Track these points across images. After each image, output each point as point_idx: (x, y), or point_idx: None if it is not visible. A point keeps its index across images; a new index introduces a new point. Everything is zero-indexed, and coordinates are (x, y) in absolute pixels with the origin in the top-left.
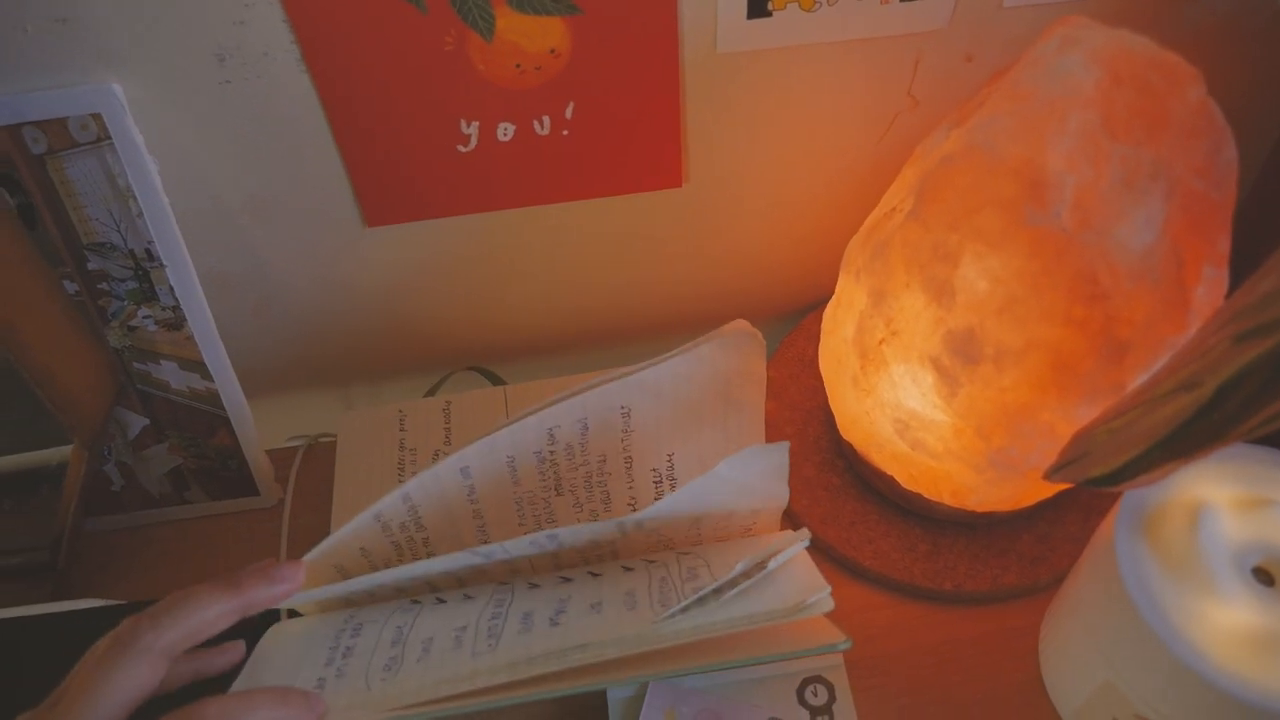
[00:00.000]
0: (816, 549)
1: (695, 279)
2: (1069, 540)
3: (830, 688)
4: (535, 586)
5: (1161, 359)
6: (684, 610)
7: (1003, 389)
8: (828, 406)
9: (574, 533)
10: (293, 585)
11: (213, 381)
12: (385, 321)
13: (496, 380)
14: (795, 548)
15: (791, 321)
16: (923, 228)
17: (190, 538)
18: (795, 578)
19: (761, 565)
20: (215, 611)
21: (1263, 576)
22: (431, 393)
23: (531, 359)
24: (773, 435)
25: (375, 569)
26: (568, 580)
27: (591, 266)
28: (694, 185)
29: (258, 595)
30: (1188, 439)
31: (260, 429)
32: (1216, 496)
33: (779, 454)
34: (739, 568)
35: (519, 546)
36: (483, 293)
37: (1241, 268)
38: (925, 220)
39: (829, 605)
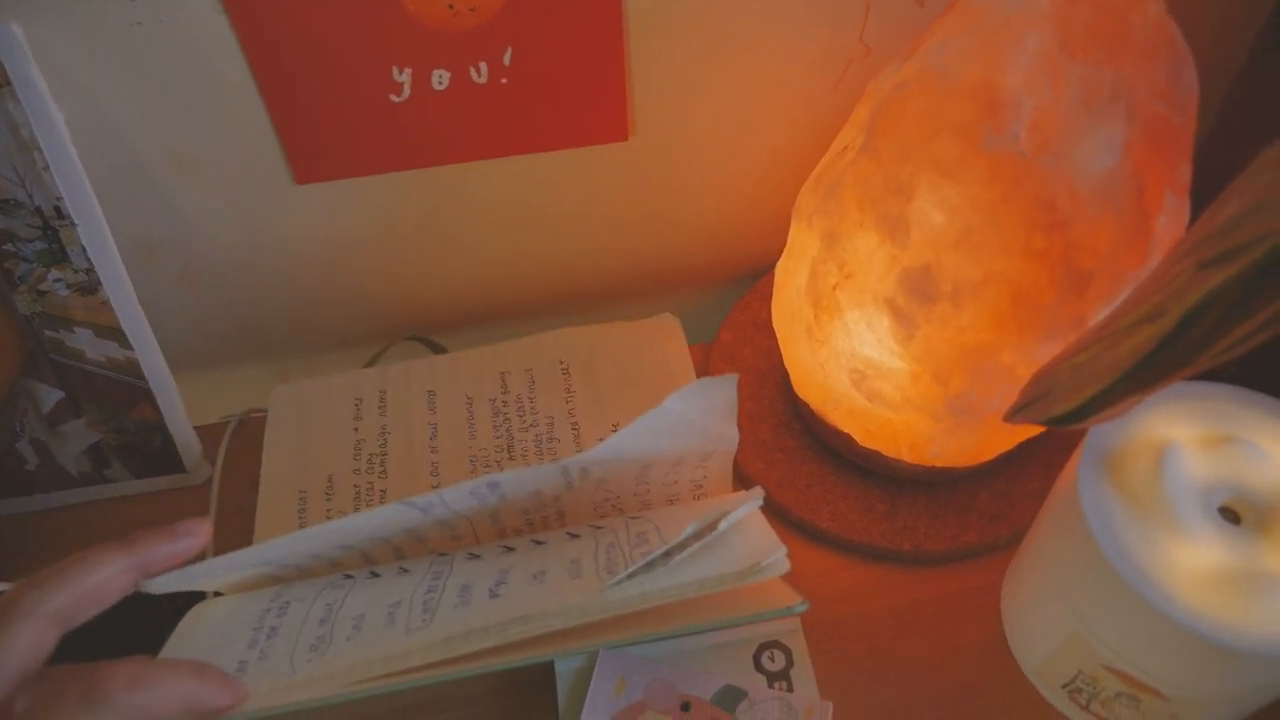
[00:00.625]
0: (773, 512)
1: (645, 240)
2: (1029, 497)
3: (788, 652)
4: (475, 557)
5: (1124, 292)
6: (631, 577)
7: (961, 328)
8: (783, 368)
9: (516, 479)
10: (196, 540)
11: (132, 350)
12: (320, 289)
13: (439, 350)
14: (748, 507)
15: (747, 286)
16: (875, 162)
17: (113, 519)
18: (749, 539)
19: (713, 526)
20: (109, 570)
21: (1229, 515)
22: (371, 364)
23: (475, 328)
24: None
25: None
26: (510, 550)
27: (535, 227)
28: (641, 139)
29: (157, 552)
30: (1152, 370)
31: (190, 407)
32: (1181, 435)
33: (727, 387)
34: (689, 530)
35: (458, 496)
36: (422, 256)
37: (1204, 201)
38: (877, 154)
39: (785, 567)
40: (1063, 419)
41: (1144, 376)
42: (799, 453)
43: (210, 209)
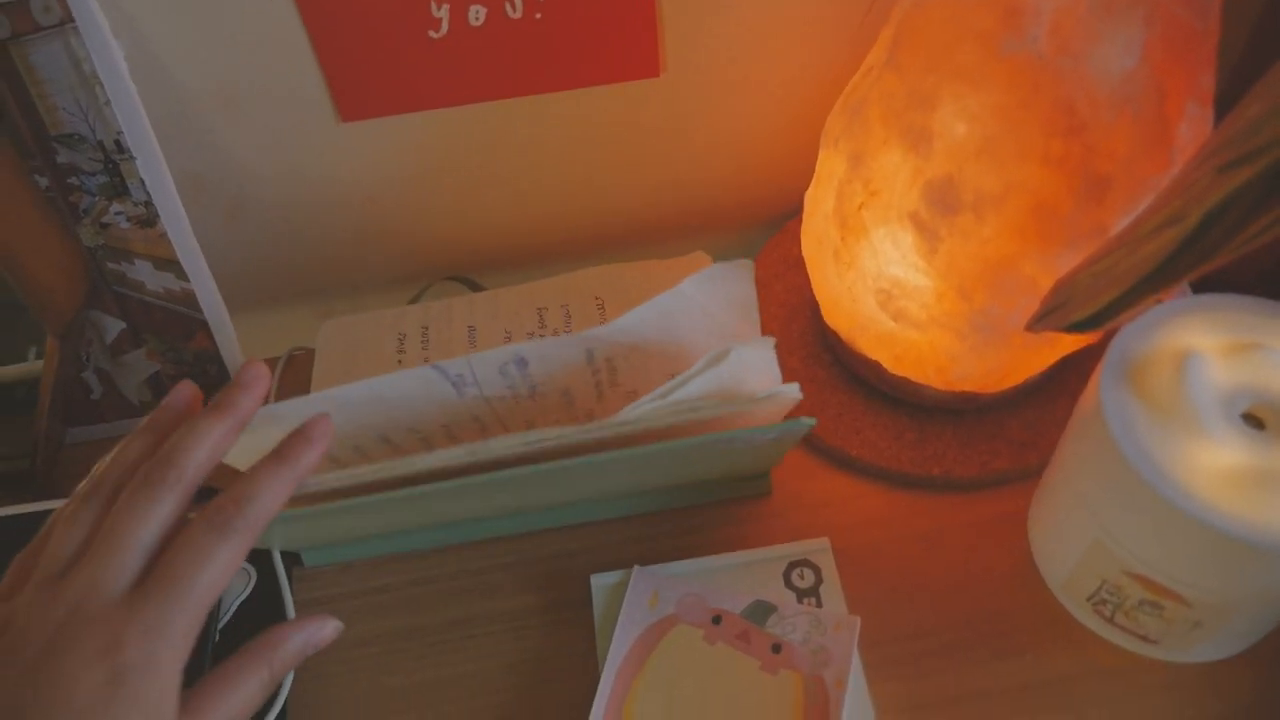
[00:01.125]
0: (804, 443)
1: (678, 179)
2: (1057, 425)
3: (817, 570)
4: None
5: (1144, 200)
6: (649, 404)
7: (983, 240)
8: (813, 303)
9: (541, 354)
10: (265, 382)
11: (188, 282)
12: (362, 227)
13: (477, 289)
14: (760, 344)
15: (778, 227)
16: (899, 76)
17: None
18: (760, 373)
19: (723, 356)
20: (221, 433)
21: (1253, 421)
22: (412, 303)
23: (511, 269)
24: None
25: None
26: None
27: (570, 165)
28: (672, 75)
29: (244, 404)
30: (1171, 272)
31: (240, 344)
32: (1204, 344)
33: (743, 278)
34: (700, 363)
35: (487, 371)
36: (459, 195)
37: (1226, 111)
38: (901, 67)
39: (797, 394)
40: (1082, 324)
41: (1163, 278)
42: (828, 383)
43: (257, 146)
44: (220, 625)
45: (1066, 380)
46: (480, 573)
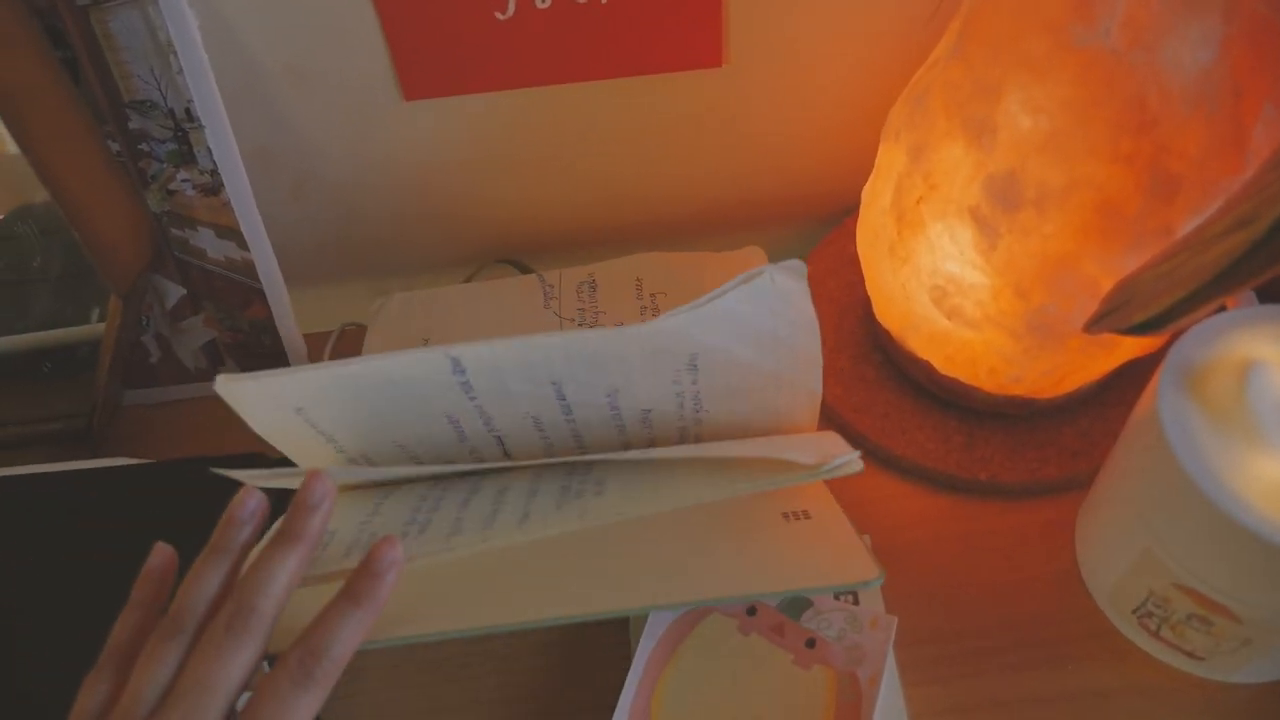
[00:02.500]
0: (847, 438)
1: (735, 171)
2: (1112, 436)
3: None
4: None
5: (1214, 203)
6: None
7: (1044, 237)
8: (865, 302)
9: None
10: (330, 502)
11: (248, 251)
12: (421, 207)
13: (527, 272)
14: (794, 269)
15: (836, 224)
16: (964, 66)
17: (223, 414)
18: (822, 443)
19: (758, 273)
20: (293, 569)
21: None
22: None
23: (565, 253)
24: None
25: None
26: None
27: (628, 152)
28: (734, 66)
29: (312, 528)
30: (1239, 275)
31: (294, 315)
32: (1268, 354)
33: (797, 280)
34: (733, 281)
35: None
36: (517, 178)
37: None
38: (967, 57)
39: (858, 466)
40: (1143, 326)
41: (1230, 281)
42: (878, 382)
43: (322, 123)
44: None
45: (1123, 391)
46: None
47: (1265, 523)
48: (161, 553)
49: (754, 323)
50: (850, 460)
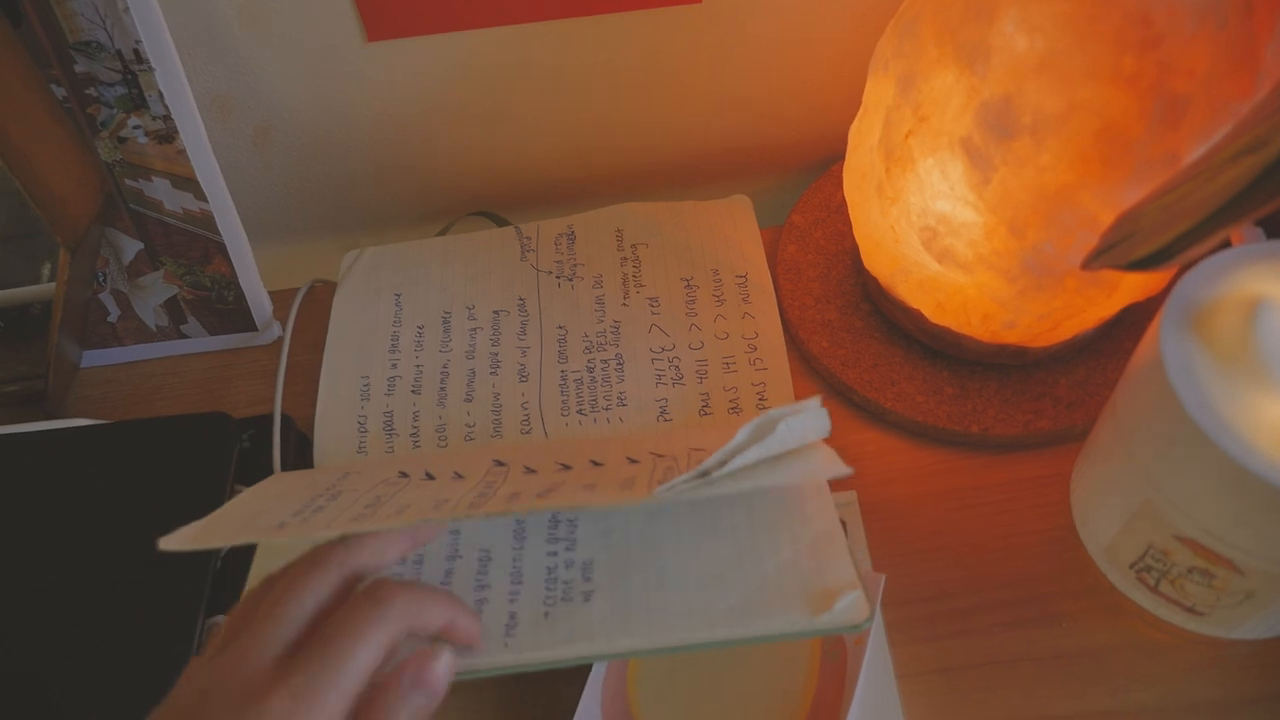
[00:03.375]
0: (835, 391)
1: (717, 113)
2: (1108, 387)
3: (842, 525)
4: (531, 472)
5: (1222, 127)
6: (685, 483)
7: (1041, 168)
8: (854, 251)
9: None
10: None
11: (207, 202)
12: (389, 156)
13: (503, 225)
14: (811, 414)
15: (821, 172)
16: None
17: (187, 373)
18: (812, 465)
19: (771, 428)
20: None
21: None
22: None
23: (543, 205)
24: (795, 281)
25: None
26: (566, 468)
27: (604, 96)
28: (714, 2)
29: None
30: (1249, 203)
31: (262, 275)
32: (1276, 291)
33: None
34: (743, 433)
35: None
36: (488, 123)
37: None
38: None
39: (863, 612)
40: (1146, 261)
41: (1239, 210)
42: (866, 333)
43: (283, 67)
44: (223, 553)
45: (1120, 340)
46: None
47: (1273, 468)
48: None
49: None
50: (854, 600)
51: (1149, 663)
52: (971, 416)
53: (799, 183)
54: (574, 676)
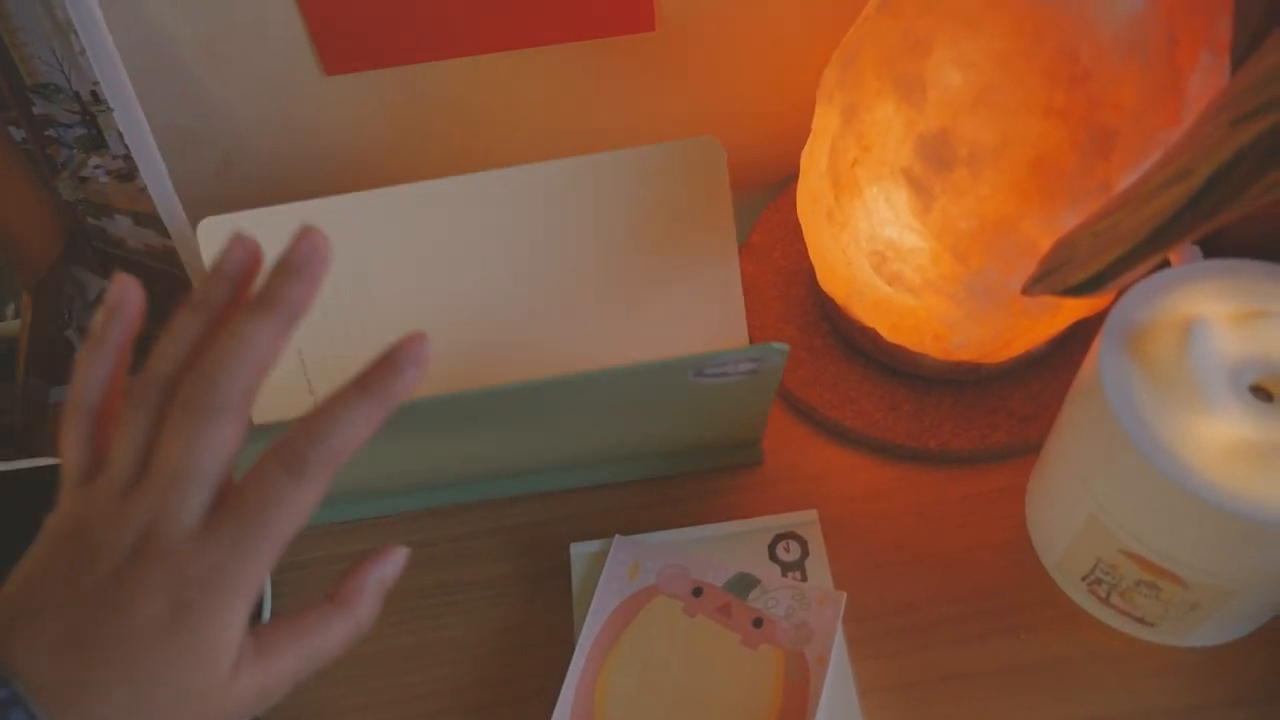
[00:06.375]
0: (797, 411)
1: (674, 137)
2: (1061, 399)
3: (803, 543)
4: None
5: (1152, 156)
6: None
7: (980, 198)
8: (812, 271)
9: None
10: (323, 268)
11: (169, 238)
12: (352, 185)
13: None
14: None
15: (780, 191)
16: (893, 20)
17: None
18: None
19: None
20: (267, 344)
21: (1260, 394)
22: None
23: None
24: (755, 300)
25: None
26: None
27: (561, 122)
28: (667, 30)
29: (299, 300)
30: (1176, 231)
31: None
32: (1210, 312)
33: None
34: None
35: None
36: (449, 151)
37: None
38: (896, 10)
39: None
40: (1080, 287)
41: (1166, 237)
42: (825, 352)
43: (244, 100)
44: None
45: (1073, 353)
46: (459, 539)
47: (1207, 487)
48: (125, 286)
49: None
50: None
51: (1105, 672)
52: (929, 432)
53: (759, 201)
54: (542, 701)
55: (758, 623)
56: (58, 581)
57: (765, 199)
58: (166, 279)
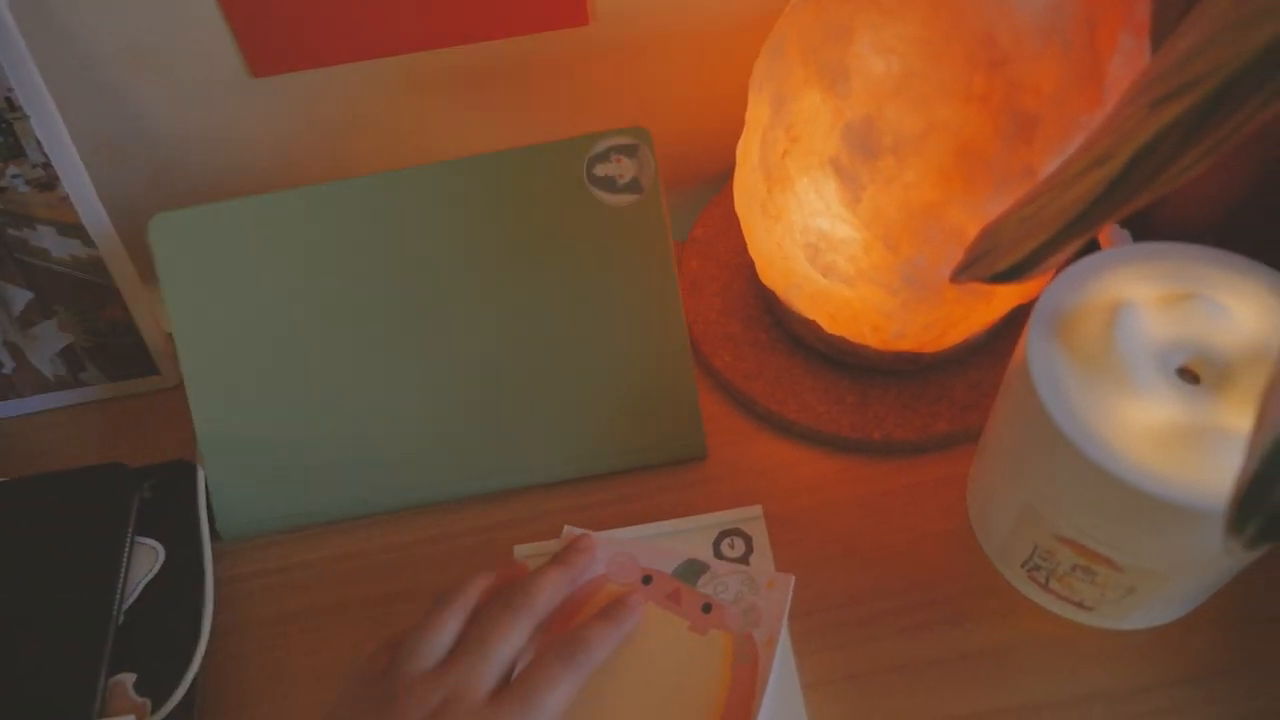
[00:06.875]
0: (740, 405)
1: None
2: None
3: (748, 539)
4: None
5: (1075, 140)
6: None
7: (907, 185)
8: (754, 264)
9: None
10: (594, 553)
11: (95, 247)
12: (288, 186)
13: None
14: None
15: (724, 184)
16: (816, 8)
17: (90, 422)
18: None
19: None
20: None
21: (1189, 376)
22: None
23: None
24: (697, 294)
25: None
26: None
27: (498, 120)
28: (602, 23)
29: (581, 564)
30: (1097, 215)
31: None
32: (1138, 295)
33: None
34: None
35: None
36: (384, 151)
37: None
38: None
39: None
40: (1006, 274)
41: (1088, 221)
42: (769, 346)
43: (171, 106)
44: (126, 606)
45: (1013, 340)
46: (405, 547)
47: (1135, 470)
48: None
49: None
50: None
51: (1046, 657)
52: (873, 423)
53: (704, 195)
54: None
55: (707, 608)
56: None
57: (709, 193)
58: (94, 290)
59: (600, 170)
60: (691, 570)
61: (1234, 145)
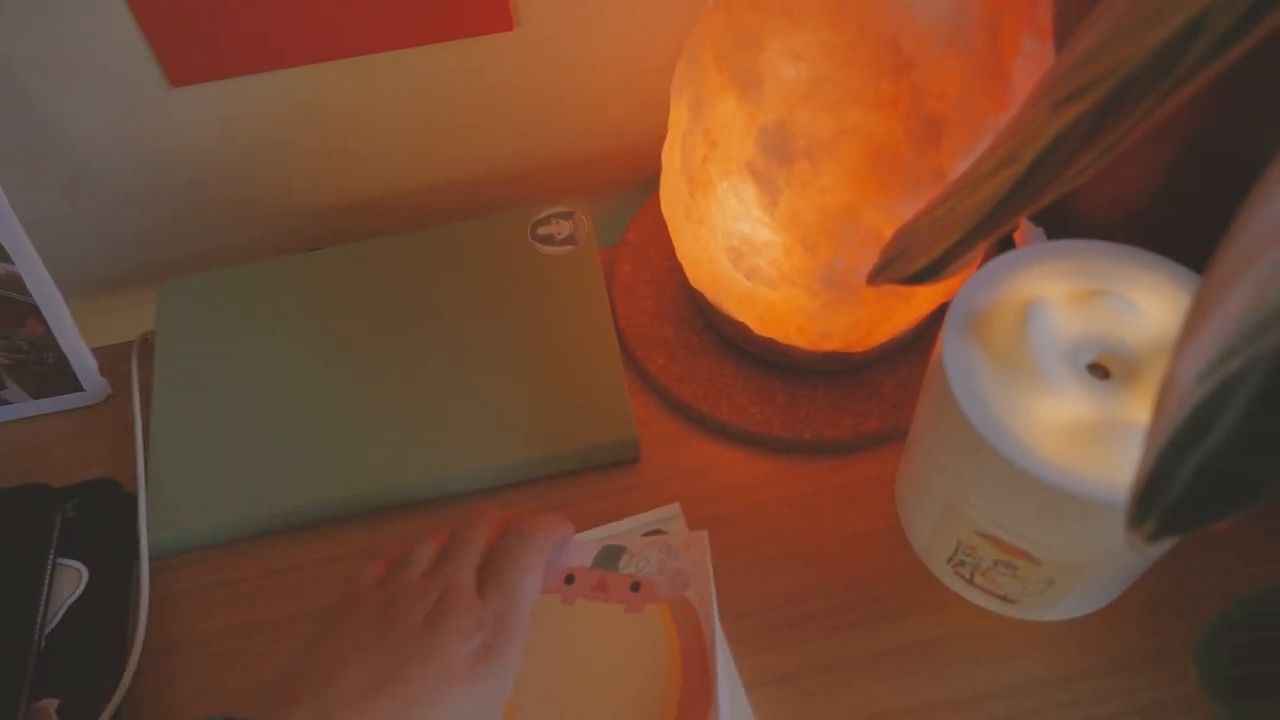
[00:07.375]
0: (673, 408)
1: (540, 136)
2: None
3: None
4: None
5: (982, 142)
6: None
7: (822, 189)
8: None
9: None
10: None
11: (12, 263)
12: (209, 198)
13: None
14: None
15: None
16: (727, 15)
17: (13, 441)
18: None
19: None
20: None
21: (1099, 371)
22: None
23: (373, 239)
24: (630, 298)
25: None
26: None
27: (424, 127)
28: (526, 29)
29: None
30: (1004, 215)
31: (91, 329)
32: (1050, 293)
33: None
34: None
35: None
36: (309, 160)
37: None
38: (728, 5)
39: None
40: (920, 275)
41: (996, 222)
42: (701, 349)
43: (88, 116)
44: (48, 630)
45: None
46: (334, 561)
47: (1047, 467)
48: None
49: None
50: None
51: (975, 650)
52: (804, 423)
53: (637, 198)
54: None
55: (635, 586)
56: (360, 644)
57: (641, 196)
58: (12, 306)
59: (542, 230)
60: (610, 556)
61: (1130, 145)
